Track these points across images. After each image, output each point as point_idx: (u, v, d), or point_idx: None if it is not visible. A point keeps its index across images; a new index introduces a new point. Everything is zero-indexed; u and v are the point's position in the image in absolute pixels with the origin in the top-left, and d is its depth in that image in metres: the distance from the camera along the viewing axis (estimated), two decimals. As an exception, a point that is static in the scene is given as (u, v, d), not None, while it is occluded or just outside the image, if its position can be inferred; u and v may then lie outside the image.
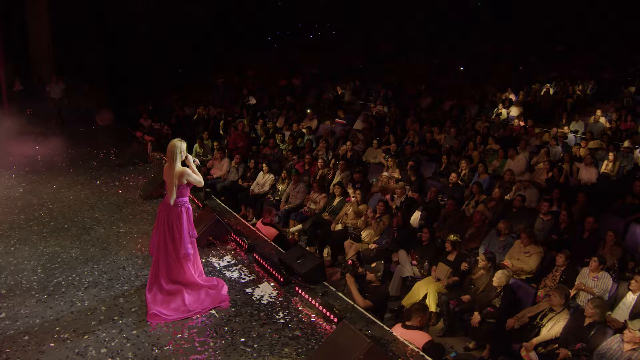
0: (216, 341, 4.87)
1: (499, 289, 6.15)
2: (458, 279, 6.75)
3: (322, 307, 5.37)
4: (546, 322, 5.71)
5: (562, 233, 7.43)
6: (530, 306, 6.08)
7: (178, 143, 5.41)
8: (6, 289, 5.66)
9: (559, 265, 6.52)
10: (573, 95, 15.24)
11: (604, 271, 6.19)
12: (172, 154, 5.37)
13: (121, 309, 5.36)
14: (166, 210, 5.48)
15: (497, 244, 7.36)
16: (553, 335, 5.59)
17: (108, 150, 10.73)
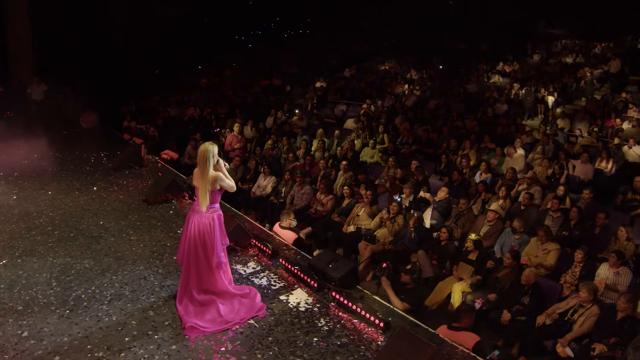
0: (263, 353, 4.66)
1: (527, 286, 6.22)
2: (481, 277, 6.80)
3: (364, 312, 5.25)
4: (577, 317, 5.81)
5: (572, 229, 7.60)
6: (557, 302, 6.20)
7: (210, 147, 5.13)
8: (22, 305, 5.25)
9: (577, 261, 6.62)
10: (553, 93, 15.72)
11: (624, 266, 6.36)
12: (203, 158, 5.09)
13: (153, 323, 5.06)
14: (197, 217, 5.20)
15: (512, 242, 7.44)
16: (585, 330, 5.67)
17: (98, 154, 10.21)
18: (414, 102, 16.58)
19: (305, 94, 17.25)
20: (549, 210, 7.94)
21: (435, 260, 7.30)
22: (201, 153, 5.11)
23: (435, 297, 6.76)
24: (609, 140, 11.00)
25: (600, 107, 13.25)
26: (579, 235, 7.44)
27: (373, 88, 17.80)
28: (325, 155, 11.09)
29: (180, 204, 8.17)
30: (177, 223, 7.46)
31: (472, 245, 6.96)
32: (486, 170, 9.74)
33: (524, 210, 8.23)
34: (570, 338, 5.62)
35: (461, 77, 19.21)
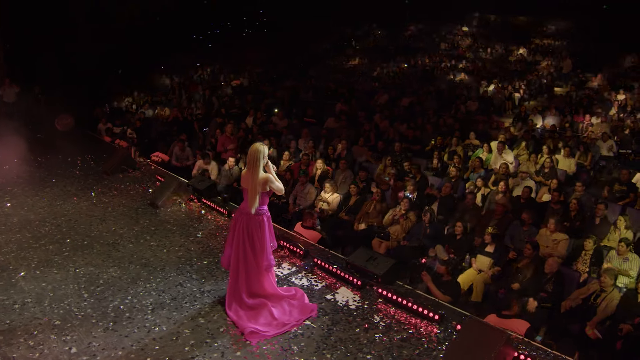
0: (332, 352, 4.60)
1: (550, 274, 6.54)
2: (500, 268, 7.07)
3: (416, 306, 5.32)
4: (600, 301, 6.19)
5: (573, 220, 8.07)
6: (578, 289, 6.56)
7: (260, 148, 4.99)
8: (59, 319, 4.88)
9: (587, 249, 7.05)
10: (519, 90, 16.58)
11: (632, 252, 6.84)
12: (254, 159, 4.94)
13: (208, 330, 4.86)
14: (245, 220, 5.05)
15: (521, 233, 7.79)
16: (609, 313, 6.02)
17: (84, 158, 9.62)
18: (386, 100, 16.93)
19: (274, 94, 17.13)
20: (550, 202, 8.40)
21: (453, 254, 7.52)
22: (251, 154, 4.98)
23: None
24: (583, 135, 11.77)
25: (567, 103, 14.14)
26: (580, 225, 7.93)
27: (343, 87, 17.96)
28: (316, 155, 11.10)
29: (189, 207, 7.91)
30: (193, 227, 7.20)
31: (489, 239, 7.22)
32: (479, 166, 10.13)
33: (524, 203, 8.66)
34: (597, 321, 5.95)
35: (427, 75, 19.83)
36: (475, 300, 6.79)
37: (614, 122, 12.89)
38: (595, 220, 7.82)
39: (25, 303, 5.13)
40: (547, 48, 22.67)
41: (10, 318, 4.87)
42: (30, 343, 4.51)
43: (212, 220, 7.48)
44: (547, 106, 14.05)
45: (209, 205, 7.77)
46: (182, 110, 12.99)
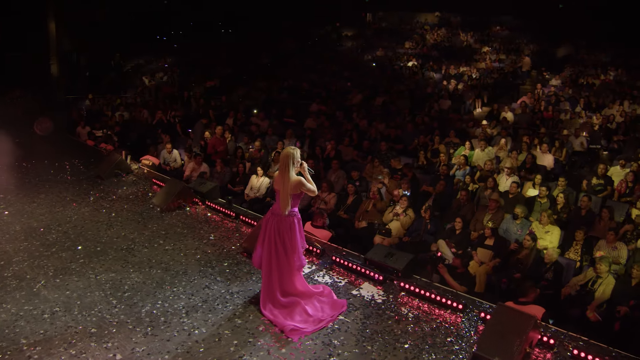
0: (372, 344, 4.83)
1: (549, 264, 7.05)
2: (500, 260, 7.53)
3: (439, 297, 5.66)
4: (597, 287, 6.74)
5: (560, 213, 8.68)
6: (574, 276, 7.10)
7: (292, 151, 5.18)
8: (95, 327, 4.86)
9: (578, 240, 7.63)
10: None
11: (619, 241, 7.47)
12: (285, 162, 5.14)
13: (248, 330, 4.97)
14: (277, 221, 5.21)
15: (514, 226, 8.31)
16: (606, 297, 6.58)
17: (72, 162, 9.36)
18: (361, 99, 17.31)
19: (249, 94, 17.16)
20: (537, 197, 8.98)
21: (454, 248, 7.93)
22: (283, 157, 5.15)
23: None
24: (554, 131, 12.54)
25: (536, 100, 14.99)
26: (567, 217, 8.54)
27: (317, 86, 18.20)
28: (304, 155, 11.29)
29: (194, 209, 7.92)
30: (203, 230, 7.24)
31: (489, 232, 7.68)
32: (464, 164, 10.64)
33: (512, 198, 9.21)
34: (596, 305, 6.51)
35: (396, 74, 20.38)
36: (478, 291, 7.24)
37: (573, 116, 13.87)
38: (581, 212, 8.46)
39: (54, 312, 5.07)
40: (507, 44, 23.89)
41: (43, 328, 4.81)
42: (72, 352, 4.49)
43: (220, 222, 7.54)
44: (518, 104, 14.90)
45: (215, 208, 7.84)
46: (166, 112, 12.83)
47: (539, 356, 4.79)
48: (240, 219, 7.57)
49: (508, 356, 4.53)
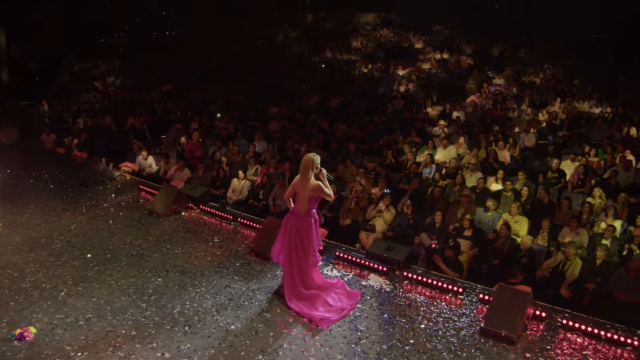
0: (393, 327, 5.50)
1: (524, 250, 8.05)
2: (479, 249, 8.46)
3: (440, 283, 6.43)
4: (567, 268, 7.81)
5: (524, 204, 9.77)
6: (546, 260, 8.14)
7: (313, 157, 5.73)
8: (134, 329, 5.18)
9: (544, 228, 8.71)
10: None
11: (581, 227, 8.62)
12: (306, 168, 5.68)
13: (280, 322, 5.48)
14: (295, 221, 5.77)
15: (486, 218, 9.29)
16: (575, 276, 7.65)
17: (49, 171, 9.27)
18: (317, 101, 17.99)
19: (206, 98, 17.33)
20: (502, 191, 10.03)
21: (435, 240, 8.78)
22: (304, 162, 5.70)
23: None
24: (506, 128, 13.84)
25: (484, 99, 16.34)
26: (530, 208, 9.65)
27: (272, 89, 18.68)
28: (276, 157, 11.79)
29: (189, 214, 8.24)
30: (205, 232, 7.62)
31: (468, 224, 8.59)
32: (430, 162, 11.59)
33: (479, 193, 10.23)
34: (567, 284, 7.57)
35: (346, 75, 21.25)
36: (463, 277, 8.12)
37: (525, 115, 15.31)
38: (543, 203, 9.60)
39: (88, 319, 5.32)
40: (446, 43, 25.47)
41: (83, 334, 5.08)
42: (120, 354, 4.81)
43: (219, 225, 7.95)
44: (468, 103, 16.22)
45: (210, 211, 8.21)
46: (136, 118, 12.81)
47: (534, 327, 5.68)
48: (238, 221, 8.01)
49: (512, 328, 5.37)
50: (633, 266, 7.10)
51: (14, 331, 5.02)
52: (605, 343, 5.39)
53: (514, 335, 5.33)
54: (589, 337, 5.49)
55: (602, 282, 7.28)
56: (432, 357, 5.01)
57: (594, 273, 7.43)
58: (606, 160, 11.20)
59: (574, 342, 5.39)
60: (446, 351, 5.12)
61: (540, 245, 8.50)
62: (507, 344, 5.27)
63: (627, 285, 7.01)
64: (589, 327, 5.56)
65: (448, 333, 5.46)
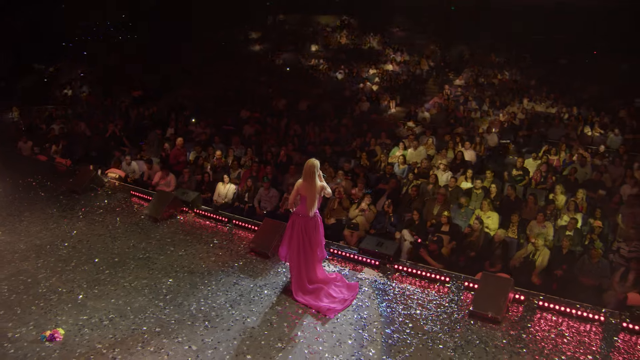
0: (393, 314, 6.22)
1: (498, 242, 8.96)
2: (456, 242, 9.32)
3: (429, 273, 7.22)
4: (537, 258, 8.77)
5: (494, 200, 10.74)
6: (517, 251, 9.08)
7: (316, 162, 6.38)
8: (157, 326, 5.66)
9: (513, 222, 9.68)
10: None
11: (547, 221, 9.63)
12: (310, 172, 6.30)
13: (290, 314, 6.07)
14: (304, 221, 6.39)
15: (460, 214, 10.19)
16: (544, 265, 8.63)
17: (35, 179, 9.42)
18: (285, 104, 18.58)
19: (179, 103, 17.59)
20: (473, 188, 10.97)
21: (415, 235, 9.59)
22: (309, 168, 6.32)
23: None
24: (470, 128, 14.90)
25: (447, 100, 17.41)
26: (499, 204, 10.62)
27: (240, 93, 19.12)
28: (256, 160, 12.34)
29: (185, 218, 8.70)
30: (204, 235, 8.13)
31: (445, 220, 9.44)
32: (403, 162, 12.43)
33: (452, 190, 11.13)
34: (537, 272, 8.53)
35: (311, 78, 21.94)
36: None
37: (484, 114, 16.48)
38: (510, 199, 10.60)
39: (111, 319, 5.76)
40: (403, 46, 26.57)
41: (111, 333, 5.52)
42: (150, 349, 5.30)
43: (215, 227, 8.46)
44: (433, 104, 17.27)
45: (204, 214, 8.72)
46: (116, 124, 12.98)
47: (515, 308, 6.54)
48: (232, 223, 8.55)
49: (497, 310, 6.21)
50: (594, 254, 8.16)
51: (44, 333, 5.43)
52: (577, 320, 6.30)
53: (499, 316, 6.16)
54: (562, 316, 6.39)
55: (568, 268, 8.30)
56: (431, 337, 5.76)
57: (561, 261, 8.42)
58: (565, 158, 12.37)
59: (550, 320, 6.28)
60: (442, 332, 5.89)
61: (512, 237, 9.47)
62: (494, 324, 6.09)
63: (590, 271, 8.06)
64: (562, 307, 6.47)
65: (441, 317, 6.23)
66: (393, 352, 5.47)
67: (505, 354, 5.54)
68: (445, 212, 9.50)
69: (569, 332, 6.04)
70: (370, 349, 5.52)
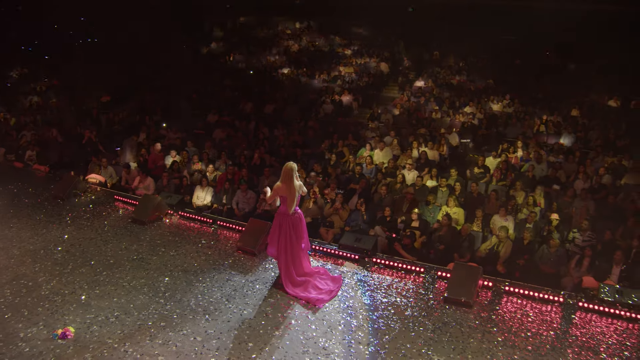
0: (375, 302, 6.95)
1: (464, 236, 9.85)
2: (425, 237, 10.16)
3: (405, 265, 8.00)
4: (500, 249, 9.71)
5: (458, 197, 11.66)
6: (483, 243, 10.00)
7: (293, 165, 7.02)
8: (161, 321, 6.19)
9: (478, 217, 10.60)
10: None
11: (509, 215, 10.60)
12: (288, 175, 6.93)
13: (282, 305, 6.72)
14: (289, 219, 7.06)
15: (427, 211, 11.05)
16: (508, 255, 9.58)
17: (16, 185, 9.62)
18: (252, 108, 19.08)
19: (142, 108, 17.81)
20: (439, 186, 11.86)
21: (387, 231, 10.38)
22: (288, 171, 6.95)
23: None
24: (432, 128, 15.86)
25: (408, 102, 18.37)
26: (464, 201, 11.56)
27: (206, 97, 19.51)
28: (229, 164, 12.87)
29: (170, 220, 9.19)
30: (191, 236, 8.66)
31: (416, 217, 10.27)
32: (370, 163, 13.23)
33: (419, 189, 12.00)
34: (502, 261, 9.46)
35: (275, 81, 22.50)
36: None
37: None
38: (474, 195, 11.55)
39: (117, 316, 6.25)
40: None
41: (119, 328, 6.01)
42: (159, 342, 5.83)
43: (200, 228, 8.99)
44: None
45: (189, 217, 9.23)
46: (92, 131, 13.17)
47: (484, 293, 7.39)
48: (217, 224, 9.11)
49: (469, 295, 7.04)
50: (552, 244, 9.15)
51: (56, 331, 5.86)
52: (539, 302, 7.20)
53: (471, 300, 6.99)
54: (526, 299, 7.28)
55: (529, 258, 9.25)
56: (412, 321, 6.53)
57: (522, 251, 9.38)
58: (522, 155, 13.47)
59: (515, 303, 7.16)
60: (421, 316, 6.67)
61: (477, 231, 10.40)
62: (467, 308, 6.91)
63: (549, 259, 9.04)
64: (525, 291, 7.37)
65: (419, 303, 7.02)
66: (379, 335, 6.20)
67: (478, 333, 6.35)
68: (415, 210, 10.33)
69: (533, 312, 6.92)
70: (358, 332, 6.23)
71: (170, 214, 9.31)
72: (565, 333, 6.51)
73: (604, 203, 11.01)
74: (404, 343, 6.05)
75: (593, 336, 6.41)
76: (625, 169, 12.70)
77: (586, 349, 6.11)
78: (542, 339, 6.27)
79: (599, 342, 6.27)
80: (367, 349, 5.93)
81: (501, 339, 6.24)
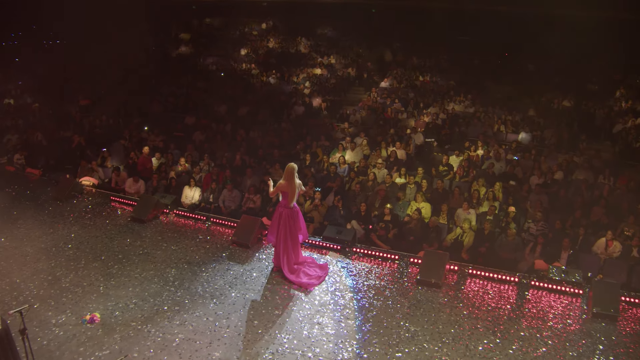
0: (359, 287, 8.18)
1: (433, 228, 11.21)
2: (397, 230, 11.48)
3: (382, 253, 9.28)
4: (464, 238, 11.11)
5: (425, 193, 13.04)
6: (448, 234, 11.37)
7: (295, 166, 8.27)
8: (176, 306, 7.26)
9: (443, 210, 11.98)
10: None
11: (471, 208, 12.02)
12: (291, 173, 8.17)
13: (280, 289, 7.88)
14: (289, 212, 8.27)
15: (398, 206, 12.38)
16: (470, 244, 10.96)
17: (13, 189, 10.34)
18: (226, 110, 20.01)
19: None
20: (407, 183, 13.21)
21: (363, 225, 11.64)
22: (290, 170, 8.17)
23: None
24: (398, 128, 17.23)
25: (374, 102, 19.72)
26: (430, 196, 12.94)
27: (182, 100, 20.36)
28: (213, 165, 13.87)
29: (167, 218, 10.19)
30: (188, 232, 9.70)
31: (388, 211, 11.57)
32: (344, 162, 14.48)
33: (389, 186, 13.32)
34: (465, 250, 10.85)
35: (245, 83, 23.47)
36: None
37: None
38: (439, 191, 12.95)
39: (135, 302, 7.27)
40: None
41: (139, 313, 7.04)
42: (176, 322, 6.90)
43: (195, 225, 10.04)
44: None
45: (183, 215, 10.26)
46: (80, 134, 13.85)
47: (451, 276, 8.74)
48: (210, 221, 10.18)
49: (438, 277, 8.38)
50: (510, 233, 10.58)
51: (84, 317, 6.85)
52: (498, 282, 8.61)
53: (440, 282, 8.34)
54: (487, 280, 8.68)
55: (490, 246, 10.68)
56: (391, 300, 7.81)
57: (484, 240, 10.78)
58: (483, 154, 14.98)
59: (478, 283, 8.55)
60: (398, 296, 7.96)
61: (443, 223, 11.79)
62: (437, 288, 8.25)
63: (507, 247, 10.47)
64: (487, 273, 8.78)
65: (396, 285, 8.31)
66: (364, 311, 7.45)
67: (447, 308, 7.69)
68: (387, 205, 11.64)
69: (493, 291, 8.31)
70: (346, 310, 7.47)
71: (166, 213, 10.31)
72: (520, 306, 7.90)
73: (556, 196, 12.55)
74: (385, 317, 7.32)
75: (542, 308, 7.84)
76: (576, 165, 14.35)
77: (537, 319, 7.52)
78: (501, 312, 7.66)
79: (547, 313, 7.70)
80: (355, 322, 7.16)
81: (466, 312, 7.59)
